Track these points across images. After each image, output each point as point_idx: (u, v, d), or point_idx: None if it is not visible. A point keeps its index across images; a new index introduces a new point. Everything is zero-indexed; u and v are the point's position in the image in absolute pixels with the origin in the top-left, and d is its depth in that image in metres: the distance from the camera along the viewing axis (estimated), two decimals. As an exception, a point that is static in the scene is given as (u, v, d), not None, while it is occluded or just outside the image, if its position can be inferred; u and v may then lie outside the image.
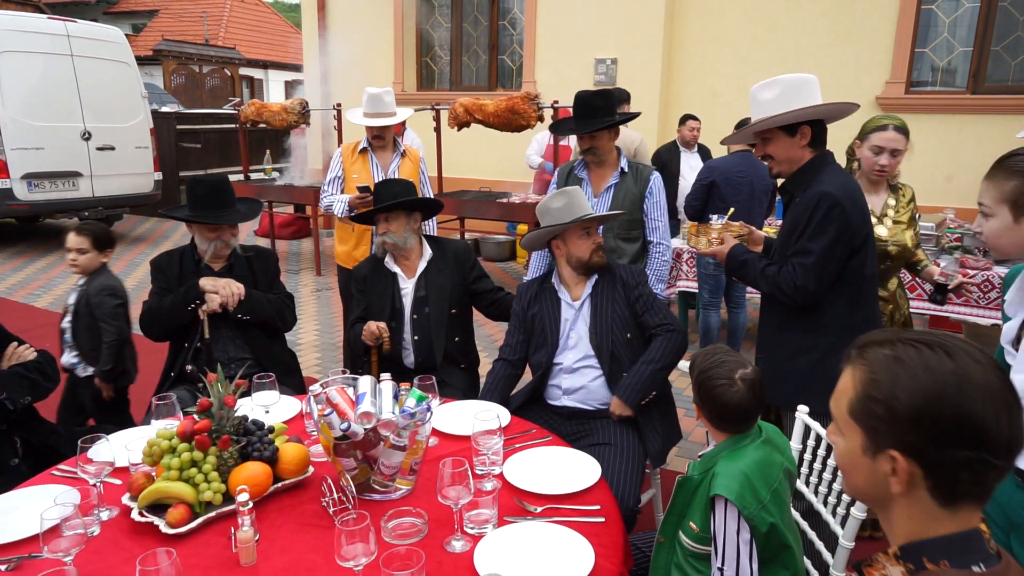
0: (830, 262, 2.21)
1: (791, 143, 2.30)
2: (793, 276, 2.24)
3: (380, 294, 2.96)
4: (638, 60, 7.61)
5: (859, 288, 2.29)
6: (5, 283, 7.17)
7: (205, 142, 11.93)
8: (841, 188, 2.20)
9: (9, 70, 7.95)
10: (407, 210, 2.92)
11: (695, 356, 1.74)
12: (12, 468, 2.20)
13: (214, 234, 2.81)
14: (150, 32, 25.64)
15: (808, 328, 2.32)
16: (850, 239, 2.21)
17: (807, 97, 2.25)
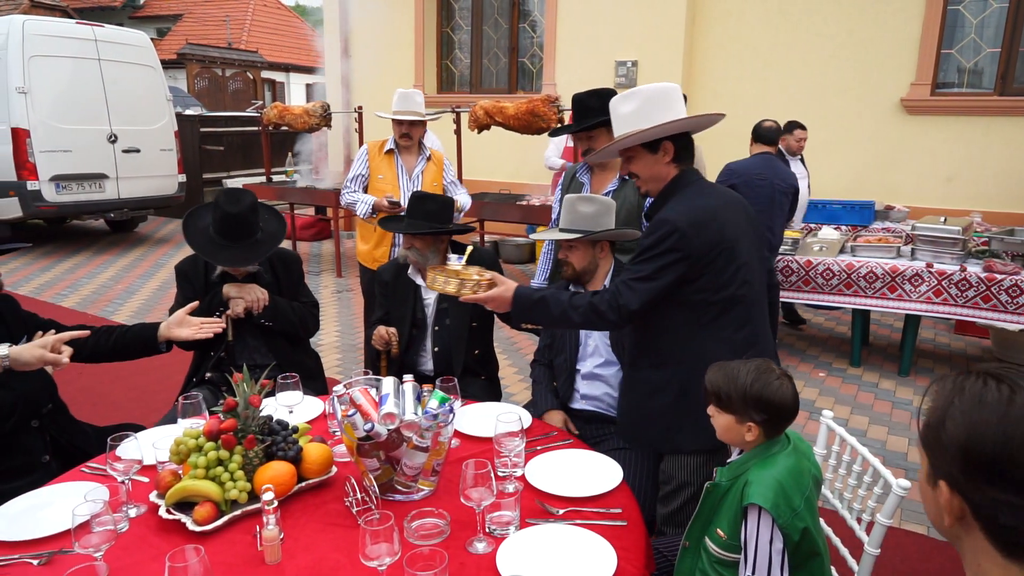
0: (657, 286, 2.00)
1: (654, 160, 2.12)
2: (615, 295, 2.04)
3: (401, 302, 2.98)
4: (659, 63, 7.59)
5: (708, 315, 2.05)
6: (33, 283, 7.30)
7: (228, 145, 12.07)
8: (686, 214, 2.00)
9: (38, 74, 8.10)
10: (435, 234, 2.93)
11: (716, 376, 1.69)
12: (43, 465, 2.24)
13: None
14: (174, 36, 25.98)
15: (656, 363, 2.13)
16: (689, 267, 2.00)
17: (668, 109, 2.07)
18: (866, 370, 5.01)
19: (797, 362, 5.17)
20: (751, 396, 1.60)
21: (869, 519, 1.85)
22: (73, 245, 9.33)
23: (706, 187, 2.14)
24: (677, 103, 2.10)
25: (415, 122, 4.00)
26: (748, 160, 4.61)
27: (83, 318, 6.12)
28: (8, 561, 1.59)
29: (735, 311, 2.06)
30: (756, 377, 1.62)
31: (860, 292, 4.77)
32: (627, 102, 2.11)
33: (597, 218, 2.46)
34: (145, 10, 29.47)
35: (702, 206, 2.04)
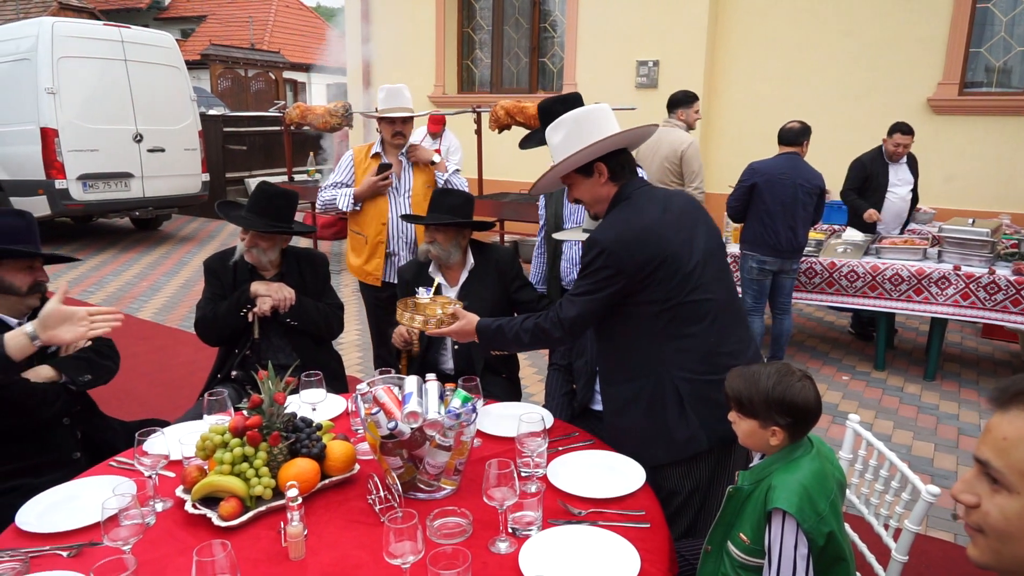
0: (594, 299, 2.03)
1: (591, 183, 2.11)
2: (556, 310, 2.10)
3: None
4: (681, 62, 7.54)
5: (663, 324, 2.03)
6: (62, 279, 7.42)
7: (250, 144, 12.19)
8: (614, 233, 2.00)
9: (67, 75, 8.23)
10: (457, 226, 2.93)
11: (736, 381, 1.67)
12: (73, 460, 2.27)
13: (266, 244, 2.84)
14: (198, 37, 26.29)
15: (625, 377, 2.12)
16: (626, 282, 1.99)
17: (594, 131, 2.05)
18: (891, 374, 4.94)
19: (820, 365, 5.11)
20: (773, 399, 1.58)
21: (896, 525, 1.83)
22: (99, 243, 9.48)
23: (640, 202, 2.08)
24: (606, 123, 2.09)
25: (407, 120, 3.71)
26: (771, 160, 4.57)
27: (109, 315, 6.21)
28: (39, 552, 1.62)
29: (693, 318, 2.03)
30: (778, 380, 1.60)
31: (885, 295, 4.71)
32: (556, 132, 2.12)
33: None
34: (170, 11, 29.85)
35: (631, 224, 2.02)
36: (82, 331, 1.95)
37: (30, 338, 1.90)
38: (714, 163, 7.71)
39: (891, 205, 5.33)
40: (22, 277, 2.19)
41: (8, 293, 2.19)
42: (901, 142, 5.16)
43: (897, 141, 5.17)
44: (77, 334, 1.94)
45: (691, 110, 5.16)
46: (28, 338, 1.90)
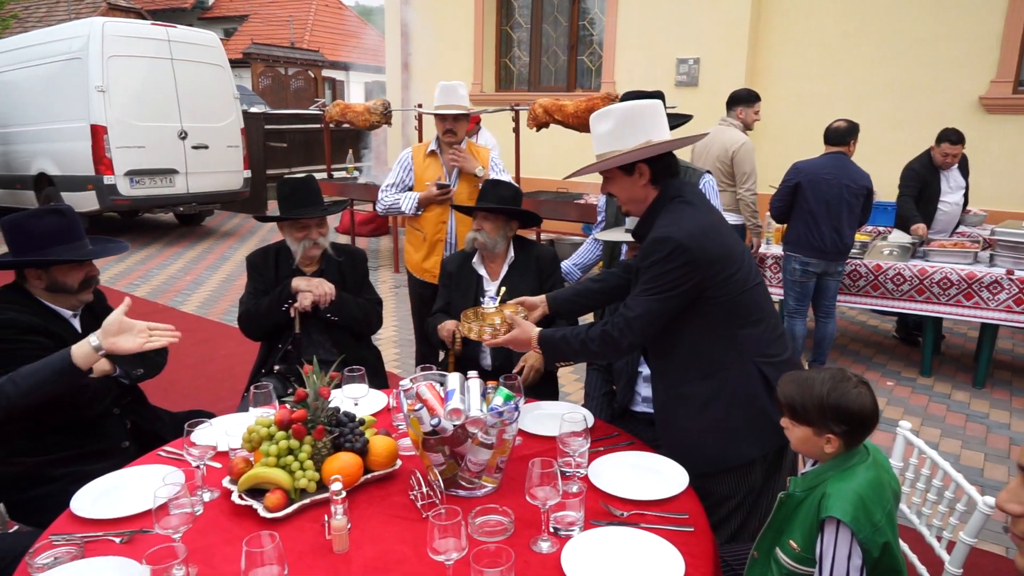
0: (666, 299, 1.97)
1: (631, 182, 2.06)
2: (623, 313, 2.02)
3: (464, 293, 3.00)
4: (722, 59, 7.44)
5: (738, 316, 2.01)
6: (109, 273, 7.63)
7: (291, 141, 12.38)
8: (685, 228, 1.96)
9: (116, 74, 8.45)
10: (506, 216, 2.94)
11: (789, 387, 1.64)
12: (123, 449, 2.33)
13: (302, 234, 2.87)
14: (240, 36, 26.76)
15: (702, 374, 2.05)
16: (702, 277, 1.96)
17: (645, 129, 2.02)
18: (937, 380, 4.81)
19: (864, 369, 5.00)
20: (829, 406, 1.54)
21: (949, 537, 1.78)
22: (145, 237, 9.72)
23: (694, 199, 2.07)
24: (654, 123, 2.05)
25: (459, 117, 3.71)
26: (816, 159, 4.48)
27: (154, 307, 6.36)
28: (93, 537, 1.66)
29: (756, 303, 2.05)
30: (832, 386, 1.56)
31: (933, 299, 4.58)
32: (603, 121, 2.07)
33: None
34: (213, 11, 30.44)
35: (698, 219, 2.01)
36: (140, 342, 2.03)
37: (94, 348, 1.98)
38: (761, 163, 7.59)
39: (943, 215, 5.11)
40: (74, 275, 2.25)
41: (62, 292, 2.25)
42: (949, 152, 4.88)
43: (945, 151, 4.90)
44: (136, 344, 2.02)
45: (751, 110, 5.09)
46: (92, 348, 1.98)
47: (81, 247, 2.25)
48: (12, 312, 2.14)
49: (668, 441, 2.13)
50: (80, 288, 2.28)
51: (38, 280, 2.22)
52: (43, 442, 2.22)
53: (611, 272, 2.48)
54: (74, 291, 2.27)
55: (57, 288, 2.23)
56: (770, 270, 5.05)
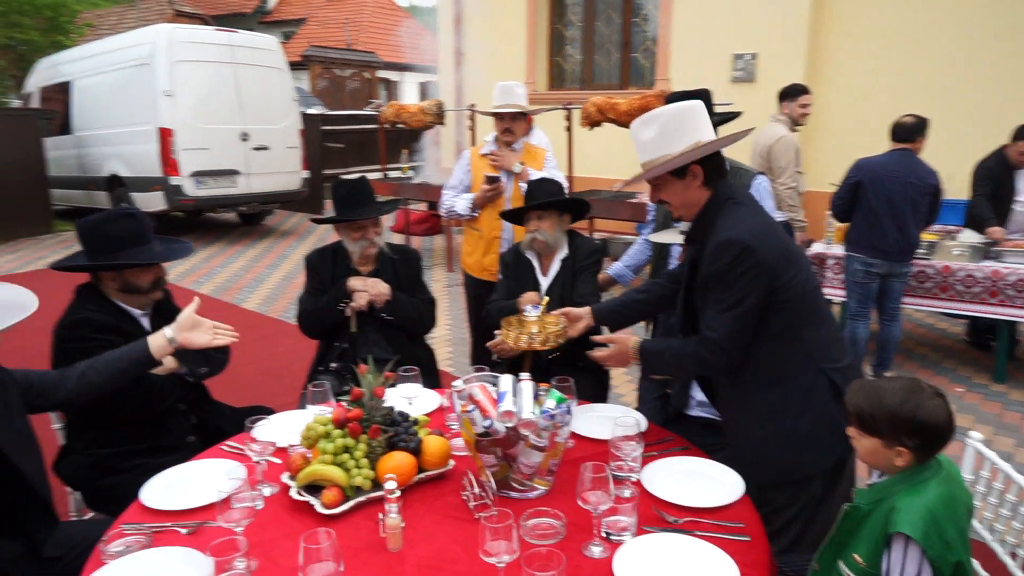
0: (744, 310, 1.92)
1: (683, 186, 2.01)
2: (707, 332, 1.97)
3: (523, 284, 3.02)
4: (780, 54, 7.25)
5: (799, 316, 1.97)
6: (175, 271, 7.91)
7: (347, 142, 12.61)
8: (748, 229, 1.92)
9: (182, 78, 8.77)
10: (559, 210, 2.95)
11: (858, 396, 1.58)
12: (188, 444, 2.42)
13: (358, 234, 2.93)
14: (298, 39, 27.40)
15: (772, 380, 1.99)
16: (770, 278, 1.91)
17: (692, 130, 1.99)
18: (1012, 387, 4.58)
19: (931, 375, 4.80)
20: (901, 418, 1.48)
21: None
22: (209, 236, 10.05)
23: (740, 198, 2.04)
24: (699, 122, 2.01)
25: (517, 116, 3.74)
26: (880, 156, 4.32)
27: (217, 304, 6.57)
28: (161, 528, 1.73)
29: (817, 306, 2.03)
30: (905, 397, 1.50)
31: (1007, 301, 4.37)
32: (647, 128, 2.03)
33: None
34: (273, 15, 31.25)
35: (757, 219, 1.99)
36: (209, 338, 2.17)
37: (168, 340, 2.11)
38: (816, 159, 7.38)
39: (1018, 214, 4.85)
40: (144, 276, 2.35)
41: (134, 292, 2.35)
42: None
43: (1021, 149, 4.67)
44: (205, 340, 2.17)
45: (795, 104, 4.99)
46: (167, 340, 2.11)
47: (150, 249, 2.35)
48: (87, 312, 2.25)
49: (736, 451, 2.08)
50: (150, 288, 2.37)
51: (112, 281, 2.32)
52: (115, 435, 2.32)
53: (655, 282, 2.46)
54: (145, 291, 2.36)
55: (129, 288, 2.33)
56: (831, 271, 4.91)
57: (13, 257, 8.77)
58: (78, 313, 2.25)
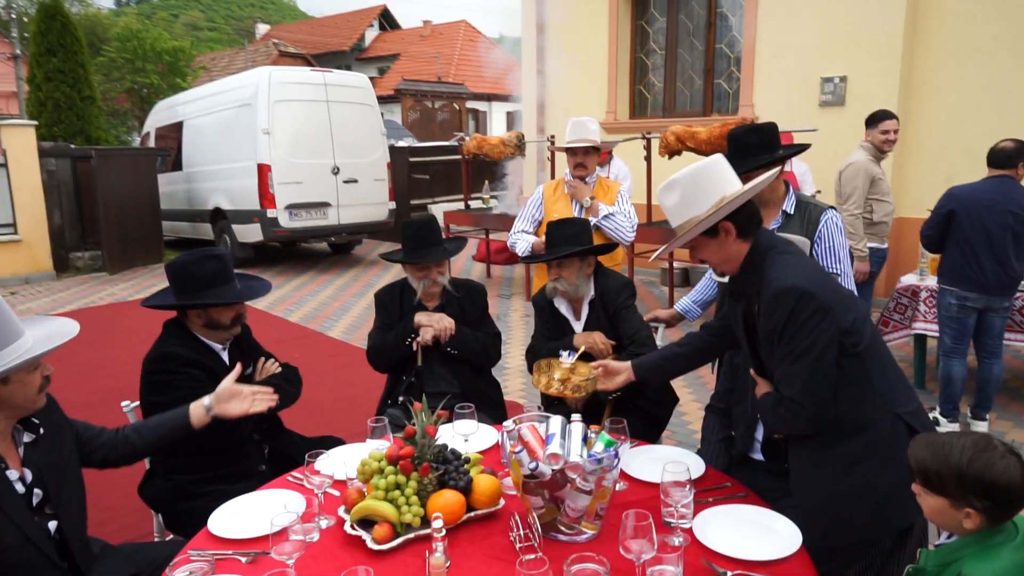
0: (816, 359, 1.83)
1: (718, 244, 1.98)
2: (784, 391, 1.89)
3: (558, 329, 3.01)
4: (872, 76, 6.97)
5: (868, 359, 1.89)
6: (268, 299, 8.35)
7: (433, 173, 12.99)
8: (800, 275, 1.86)
9: (280, 117, 9.33)
10: (579, 256, 2.90)
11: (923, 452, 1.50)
12: (259, 472, 2.55)
13: (422, 274, 3.02)
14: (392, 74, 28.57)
15: (850, 430, 1.89)
16: (834, 324, 1.84)
17: (714, 188, 1.95)
18: None
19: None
20: (969, 478, 1.39)
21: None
22: (300, 265, 10.56)
23: (782, 247, 1.99)
24: (722, 178, 1.97)
25: (589, 151, 3.81)
26: (975, 184, 4.06)
27: (304, 332, 6.88)
28: (223, 555, 1.83)
29: (883, 349, 1.95)
30: (974, 455, 1.40)
31: None
32: (670, 194, 2.01)
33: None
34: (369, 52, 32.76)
35: (805, 265, 1.94)
36: (246, 407, 2.28)
37: (206, 410, 2.24)
38: (910, 184, 7.02)
39: None
40: (226, 314, 2.51)
41: (217, 328, 2.52)
42: None
43: None
44: (241, 410, 2.27)
45: (876, 131, 4.79)
46: (205, 410, 2.24)
47: (233, 288, 2.51)
48: (172, 346, 2.43)
49: (808, 507, 1.96)
50: (231, 324, 2.53)
51: (197, 318, 2.50)
52: (194, 462, 2.47)
53: (695, 335, 2.42)
54: (226, 327, 2.53)
55: (212, 325, 2.50)
56: (924, 304, 4.63)
57: (127, 285, 9.49)
58: (164, 347, 2.43)
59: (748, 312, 2.04)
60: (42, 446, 1.91)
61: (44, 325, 1.88)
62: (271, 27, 40.14)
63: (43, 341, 1.79)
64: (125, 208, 10.12)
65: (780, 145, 2.78)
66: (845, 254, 2.73)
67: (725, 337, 2.34)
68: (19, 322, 1.80)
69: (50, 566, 1.84)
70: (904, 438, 1.85)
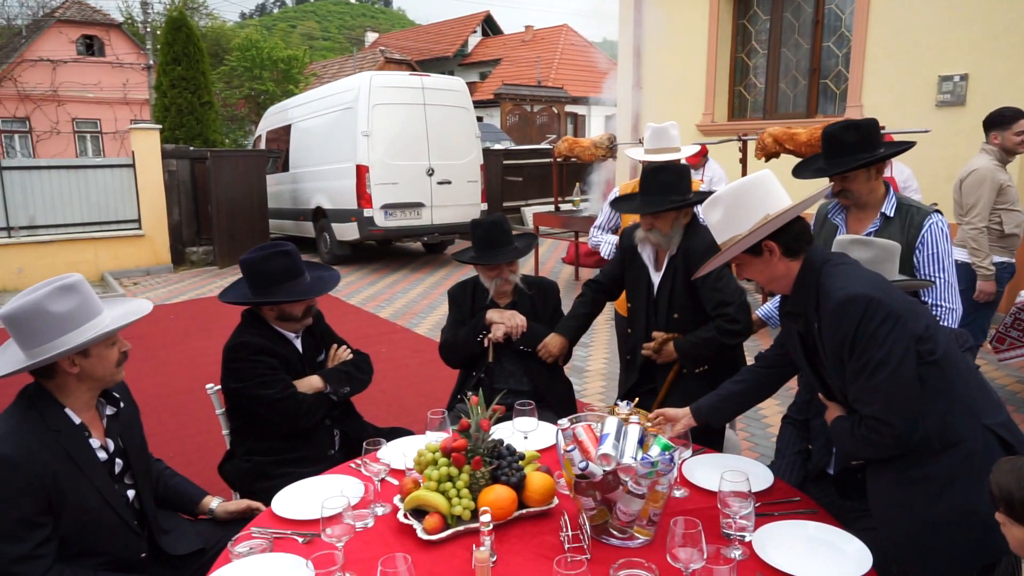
0: (901, 372, 1.69)
1: (763, 263, 1.90)
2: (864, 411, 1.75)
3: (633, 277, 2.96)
4: (997, 73, 6.43)
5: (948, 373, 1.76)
6: (361, 295, 8.65)
7: (526, 175, 13.08)
8: (863, 283, 1.75)
9: (378, 119, 9.65)
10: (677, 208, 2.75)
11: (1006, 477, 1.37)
12: (329, 457, 2.63)
13: (493, 273, 3.01)
14: (493, 78, 28.99)
15: (940, 446, 1.73)
16: (908, 330, 1.71)
17: (757, 206, 1.87)
18: None
19: None
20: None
21: None
22: (394, 263, 10.87)
23: (838, 260, 1.89)
24: (766, 195, 1.87)
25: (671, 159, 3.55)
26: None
27: (392, 327, 7.07)
28: (282, 535, 1.90)
29: (961, 361, 1.82)
30: None
31: None
32: (713, 211, 1.94)
33: (873, 265, 2.15)
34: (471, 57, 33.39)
35: (860, 273, 1.82)
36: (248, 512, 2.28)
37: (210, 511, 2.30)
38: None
39: None
40: (297, 307, 2.61)
41: (289, 320, 2.62)
42: None
43: None
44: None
45: (1009, 132, 4.26)
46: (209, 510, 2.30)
47: (303, 282, 2.60)
48: (247, 336, 2.55)
49: (897, 535, 1.80)
50: (303, 316, 2.63)
51: (270, 311, 2.61)
52: (270, 445, 2.59)
53: (751, 369, 2.29)
54: (298, 319, 2.63)
55: (285, 317, 2.61)
56: (1046, 321, 4.22)
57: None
58: (240, 337, 2.56)
59: (807, 332, 1.92)
60: (122, 420, 2.05)
61: (121, 305, 2.02)
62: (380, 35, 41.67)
63: (119, 318, 1.92)
64: (235, 207, 10.75)
65: (881, 143, 2.60)
66: (950, 262, 2.53)
67: (782, 367, 2.22)
68: (99, 302, 1.95)
69: (127, 531, 1.96)
70: (999, 452, 1.71)
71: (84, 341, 1.82)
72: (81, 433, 1.91)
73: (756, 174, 1.95)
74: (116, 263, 10.38)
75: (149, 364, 5.97)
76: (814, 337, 1.89)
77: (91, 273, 10.19)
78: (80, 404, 1.94)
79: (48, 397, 1.89)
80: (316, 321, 2.75)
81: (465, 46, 33.77)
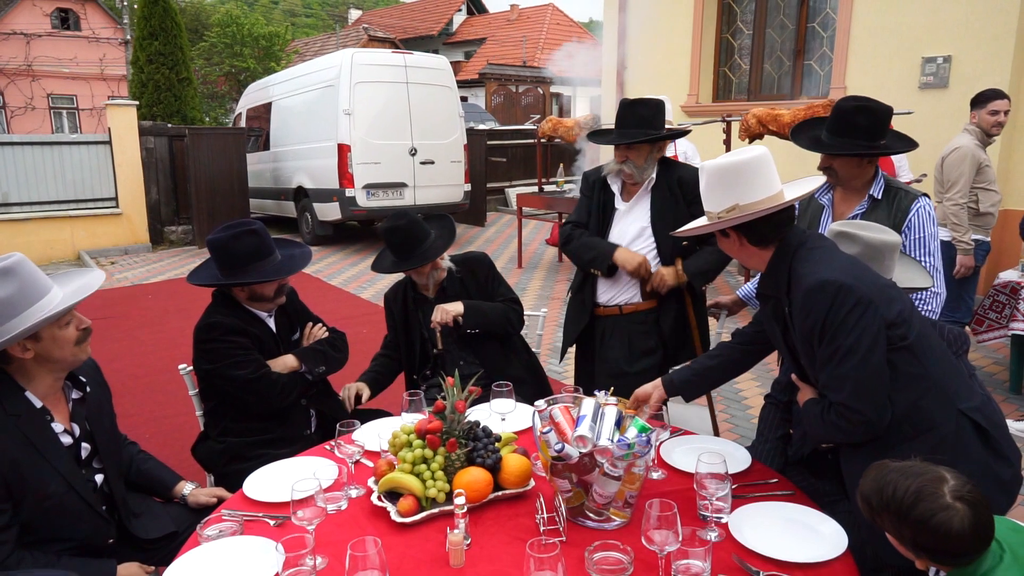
0: (871, 359, 1.68)
1: (729, 244, 1.92)
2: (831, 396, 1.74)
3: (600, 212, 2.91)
4: (979, 56, 6.43)
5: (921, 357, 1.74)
6: (343, 275, 8.57)
7: (511, 156, 12.98)
8: (836, 269, 1.72)
9: (360, 98, 9.49)
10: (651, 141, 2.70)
11: (867, 480, 1.37)
12: (305, 437, 2.59)
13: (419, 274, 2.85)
14: (478, 58, 28.69)
15: (911, 433, 1.73)
16: (879, 317, 1.68)
17: (733, 192, 1.82)
18: None
19: None
20: (909, 523, 1.28)
21: None
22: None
23: (813, 243, 1.85)
24: (749, 182, 1.82)
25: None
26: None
27: (373, 308, 7.01)
28: (253, 517, 1.86)
29: (935, 343, 1.79)
30: (917, 499, 1.28)
31: None
32: (700, 177, 1.91)
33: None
34: (456, 36, 33.00)
35: (834, 256, 1.79)
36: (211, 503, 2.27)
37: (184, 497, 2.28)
38: (1017, 173, 6.46)
39: None
40: (269, 287, 2.54)
41: (260, 300, 2.56)
42: None
43: None
44: None
45: (984, 111, 4.36)
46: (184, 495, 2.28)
47: (273, 260, 2.52)
48: (218, 317, 2.49)
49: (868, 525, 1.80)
50: (275, 296, 2.57)
51: (241, 292, 2.54)
52: (244, 425, 2.54)
53: (727, 345, 2.25)
54: (270, 299, 2.57)
55: (256, 297, 2.54)
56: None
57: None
58: (211, 317, 2.50)
59: (778, 314, 1.90)
60: (90, 403, 1.99)
61: (74, 279, 1.94)
62: (363, 12, 41.05)
63: (70, 296, 1.85)
64: (215, 185, 10.58)
65: (886, 134, 2.52)
66: (936, 246, 2.51)
67: (759, 344, 2.19)
68: (47, 279, 1.86)
69: (94, 515, 1.92)
70: (972, 438, 1.71)
71: (29, 326, 1.75)
72: (42, 417, 1.85)
73: (745, 158, 1.86)
74: (93, 242, 10.20)
75: (126, 344, 5.88)
76: (786, 321, 1.87)
77: (67, 252, 10.01)
78: (43, 387, 1.88)
79: (7, 380, 1.83)
80: (290, 299, 2.69)
81: (450, 24, 33.35)
